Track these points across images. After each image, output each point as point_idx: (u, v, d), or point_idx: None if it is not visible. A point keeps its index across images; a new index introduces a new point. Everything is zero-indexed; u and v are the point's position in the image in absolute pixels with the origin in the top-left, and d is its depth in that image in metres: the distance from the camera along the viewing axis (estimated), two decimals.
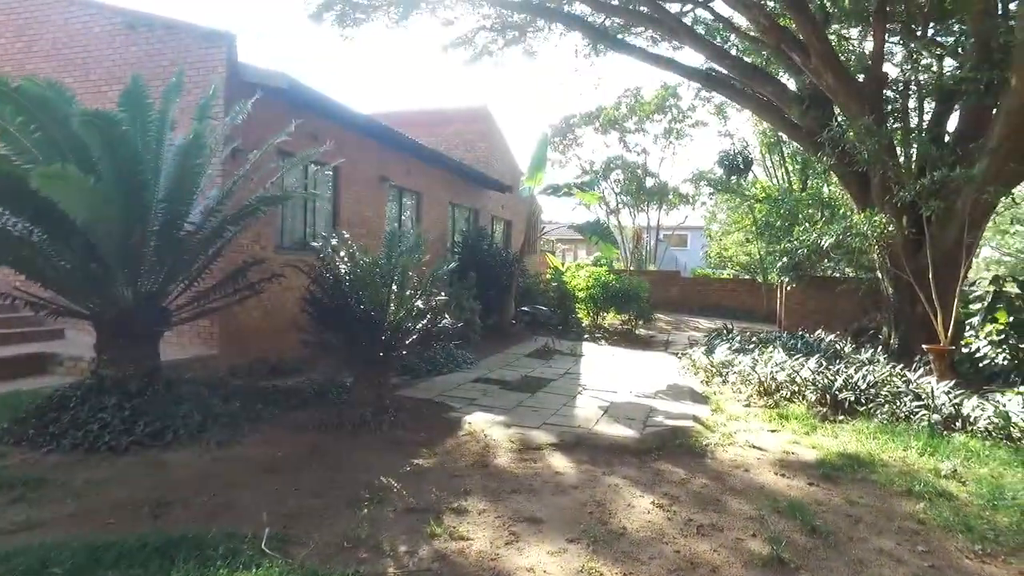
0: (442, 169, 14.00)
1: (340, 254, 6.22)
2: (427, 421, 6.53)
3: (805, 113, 11.77)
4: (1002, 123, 9.53)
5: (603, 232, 13.63)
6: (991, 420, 7.33)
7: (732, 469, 5.64)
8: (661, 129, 26.64)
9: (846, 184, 11.60)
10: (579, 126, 26.67)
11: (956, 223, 9.87)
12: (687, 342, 15.05)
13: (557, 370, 10.37)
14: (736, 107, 24.43)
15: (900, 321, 11.17)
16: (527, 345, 12.83)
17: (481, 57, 16.97)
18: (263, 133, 6.40)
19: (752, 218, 23.80)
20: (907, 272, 9.90)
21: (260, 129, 6.90)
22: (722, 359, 10.72)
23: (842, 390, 8.40)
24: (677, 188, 27.59)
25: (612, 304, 16.71)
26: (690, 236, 42.52)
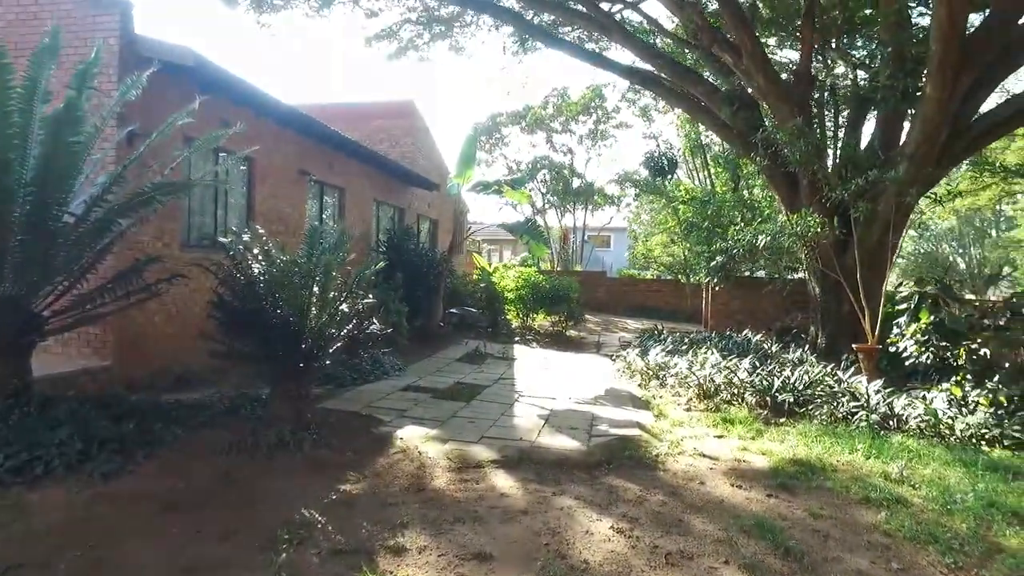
0: (367, 164, 13.22)
1: (254, 252, 5.44)
2: (354, 437, 5.85)
3: (736, 114, 11.72)
4: (918, 130, 9.71)
5: (534, 232, 13.22)
6: (922, 418, 7.35)
7: (687, 482, 5.26)
8: (587, 130, 26.61)
9: (775, 185, 11.63)
10: (506, 125, 26.29)
11: (880, 224, 9.99)
12: (618, 343, 14.84)
13: (490, 375, 9.84)
14: (660, 110, 24.74)
15: (827, 320, 11.28)
16: (457, 349, 12.23)
17: (406, 51, 16.26)
18: (166, 117, 5.55)
19: (677, 219, 24.04)
20: (837, 272, 9.94)
21: (163, 113, 6.01)
22: (658, 361, 10.47)
23: (781, 392, 8.27)
24: (602, 189, 27.63)
25: (542, 305, 16.35)
26: (613, 237, 42.94)
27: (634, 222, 36.41)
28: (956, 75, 9.18)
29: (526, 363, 11.39)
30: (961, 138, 10.06)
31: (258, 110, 9.07)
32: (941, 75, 9.11)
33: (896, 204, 9.95)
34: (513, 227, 13.22)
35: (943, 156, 9.94)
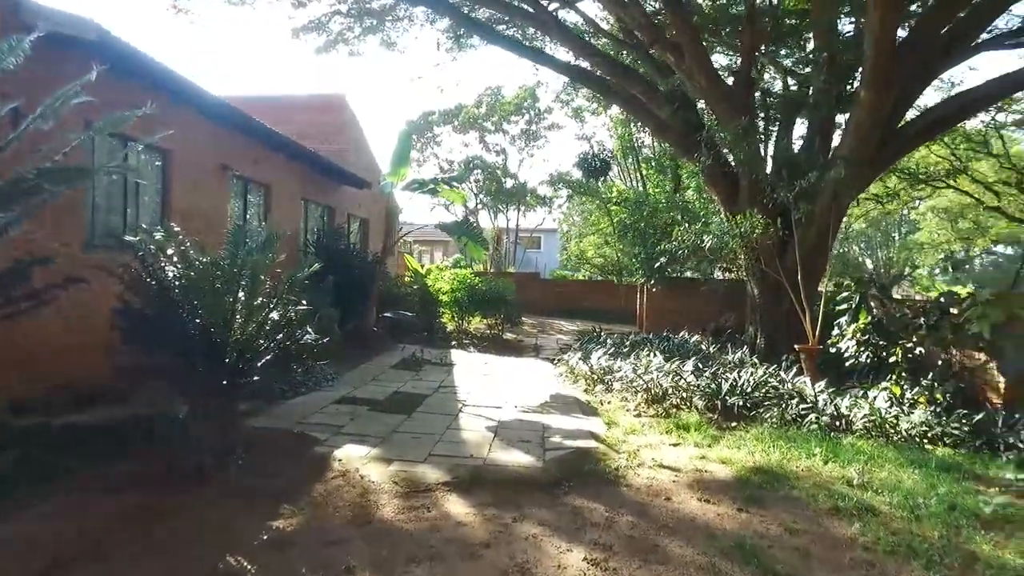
0: (295, 161, 12.35)
1: (168, 252, 4.70)
2: (287, 460, 5.20)
3: (676, 114, 11.59)
4: (853, 134, 9.79)
5: (472, 233, 12.70)
6: (868, 419, 7.30)
7: (653, 498, 4.90)
8: (519, 130, 26.31)
9: (715, 187, 11.55)
10: (438, 124, 25.64)
11: (818, 226, 10.03)
12: (557, 346, 14.54)
13: (430, 383, 9.27)
14: (593, 112, 24.69)
15: (766, 321, 11.27)
16: (392, 355, 11.58)
17: (336, 45, 15.44)
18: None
19: (610, 221, 24.05)
20: (779, 273, 9.90)
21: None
22: (602, 365, 10.17)
23: (731, 395, 8.10)
24: (535, 190, 27.39)
25: (478, 308, 15.87)
26: (544, 238, 42.92)
27: (565, 222, 36.45)
28: (888, 81, 9.28)
29: (466, 369, 10.88)
30: (892, 142, 10.22)
31: (175, 96, 8.17)
32: (875, 81, 9.19)
33: (833, 206, 10.02)
34: (450, 228, 12.66)
35: (876, 159, 10.06)
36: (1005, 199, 20.14)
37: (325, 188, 14.54)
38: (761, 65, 12.32)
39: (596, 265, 28.33)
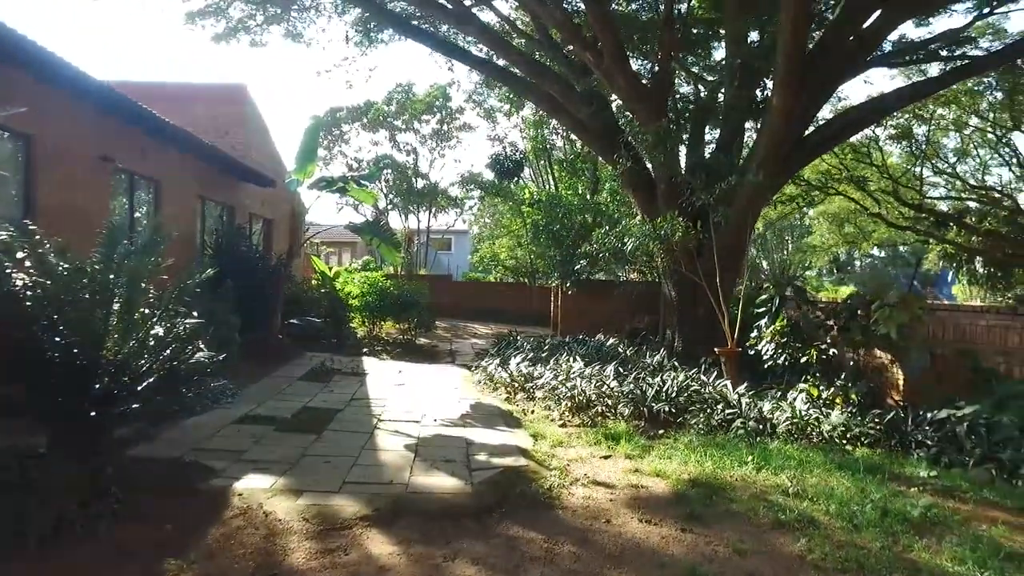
0: (190, 154, 11.20)
1: (18, 256, 3.84)
2: (176, 500, 4.42)
3: (595, 115, 11.38)
4: (765, 139, 9.89)
5: (385, 234, 11.98)
6: (791, 422, 7.28)
7: (592, 521, 4.52)
8: (431, 129, 25.60)
9: (634, 188, 11.43)
10: (347, 121, 24.48)
11: (734, 228, 10.06)
12: (473, 351, 14.05)
13: (341, 396, 8.55)
14: (505, 113, 24.38)
15: (684, 323, 11.25)
16: (299, 364, 10.71)
17: (236, 33, 14.32)
18: None
19: (522, 222, 23.83)
20: (698, 275, 9.83)
21: None
22: (522, 372, 9.78)
23: (656, 402, 7.88)
24: (446, 190, 26.77)
25: (390, 312, 15.12)
26: (454, 240, 42.33)
27: (475, 224, 36.00)
28: (799, 88, 9.41)
29: (379, 378, 10.18)
30: (802, 147, 10.43)
31: (40, 75, 7.06)
32: (786, 85, 9.29)
33: (749, 210, 10.10)
34: (361, 228, 11.89)
35: (787, 164, 10.21)
36: (884, 206, 21.42)
37: (225, 185, 13.38)
38: (674, 70, 12.34)
39: (508, 267, 28.09)
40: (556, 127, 23.68)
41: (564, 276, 16.32)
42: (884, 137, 20.08)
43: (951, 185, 22.17)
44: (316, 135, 11.29)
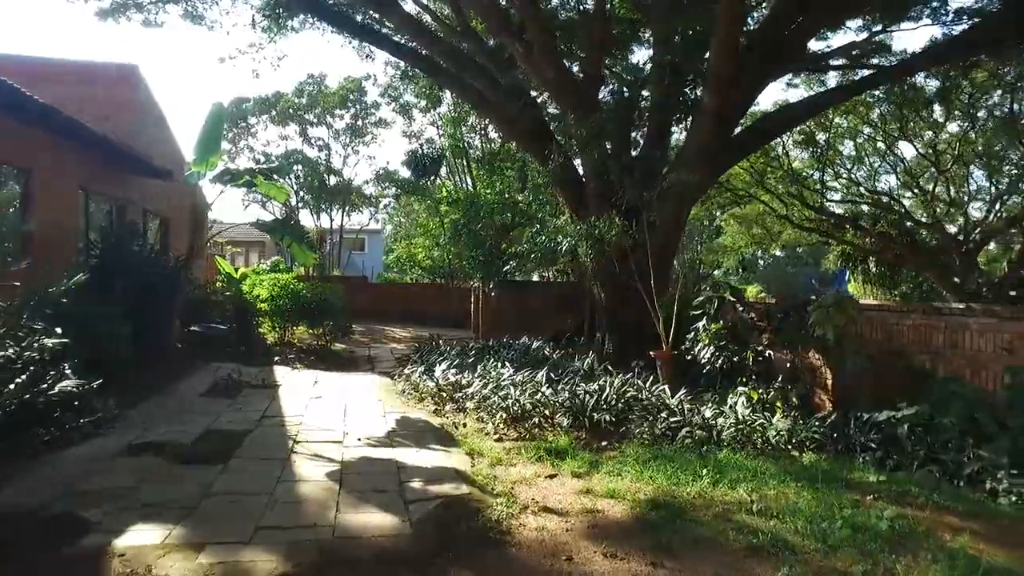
0: (71, 141, 9.72)
1: None
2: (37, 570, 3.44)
3: (523, 110, 10.81)
4: (697, 137, 9.66)
5: (297, 232, 10.93)
6: (735, 428, 6.97)
7: (551, 560, 3.93)
8: (345, 124, 24.27)
9: (563, 186, 10.95)
10: (254, 113, 22.75)
11: (667, 228, 9.78)
12: (393, 357, 13.18)
13: (251, 413, 7.55)
14: (421, 109, 23.48)
15: (615, 326, 10.88)
16: (202, 377, 9.53)
17: (127, 11, 12.86)
18: None
19: (440, 221, 23.01)
20: (634, 277, 9.45)
21: None
22: (449, 380, 9.06)
23: (596, 411, 7.38)
24: (360, 188, 25.51)
25: (304, 317, 13.99)
26: (368, 239, 40.84)
27: (390, 223, 34.82)
28: (730, 88, 9.22)
29: (293, 390, 9.20)
30: (730, 146, 10.27)
31: None
32: (718, 87, 9.08)
33: (682, 209, 9.85)
34: (272, 227, 10.78)
35: (716, 162, 10.01)
36: (791, 209, 22.13)
37: (114, 178, 11.85)
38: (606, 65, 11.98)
39: (426, 268, 27.17)
40: (475, 124, 23.07)
41: (487, 277, 15.71)
42: (790, 143, 20.70)
43: (848, 190, 23.19)
44: (219, 123, 10.12)
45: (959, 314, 7.29)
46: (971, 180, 21.52)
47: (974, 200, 21.73)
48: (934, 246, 21.67)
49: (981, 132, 18.85)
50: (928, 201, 20.68)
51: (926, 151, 20.16)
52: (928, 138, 20.17)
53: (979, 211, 21.63)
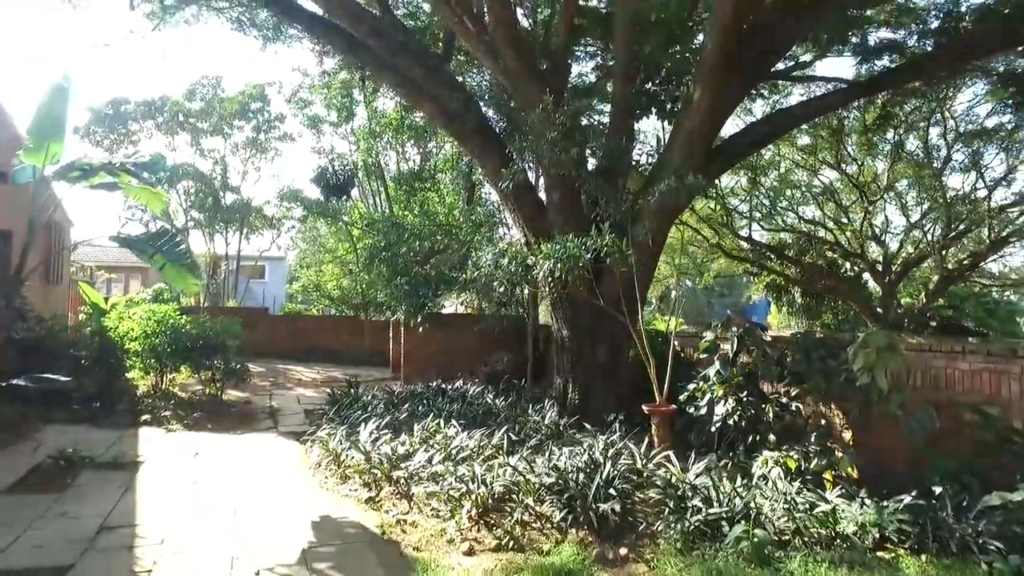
0: None
1: None
2: None
3: (469, 106, 8.65)
4: (682, 140, 7.84)
5: (175, 252, 8.09)
6: (787, 515, 4.97)
7: None
8: (245, 137, 21.11)
9: (517, 199, 8.76)
10: (136, 118, 19.10)
11: (653, 247, 7.85)
12: (301, 409, 10.42)
13: (82, 523, 4.77)
14: (331, 123, 20.78)
15: (579, 369, 8.74)
16: (18, 457, 6.50)
17: None
18: None
19: (353, 246, 20.27)
20: (618, 309, 7.37)
21: None
22: (384, 453, 6.55)
23: (602, 499, 5.15)
24: (262, 209, 22.27)
25: (187, 358, 10.89)
26: (268, 266, 36.97)
27: (295, 248, 31.40)
28: (725, 80, 7.50)
29: (160, 472, 6.38)
30: (722, 152, 8.58)
31: None
32: (713, 79, 7.32)
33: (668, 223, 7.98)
34: (136, 243, 7.85)
35: (708, 169, 8.20)
36: (724, 238, 21.14)
37: None
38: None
39: (335, 298, 24.15)
40: (390, 141, 20.66)
41: (412, 310, 13.25)
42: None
43: (776, 219, 22.57)
44: (65, 100, 7.25)
45: None
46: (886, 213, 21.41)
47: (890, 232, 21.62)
48: (857, 276, 21.35)
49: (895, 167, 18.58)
50: (856, 232, 20.23)
51: (846, 183, 19.74)
52: (852, 170, 19.79)
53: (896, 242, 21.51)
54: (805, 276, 20.47)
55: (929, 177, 18.22)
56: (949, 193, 17.93)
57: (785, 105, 14.44)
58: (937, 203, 18.22)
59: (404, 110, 17.70)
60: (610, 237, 6.58)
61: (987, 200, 17.35)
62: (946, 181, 18.15)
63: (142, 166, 7.42)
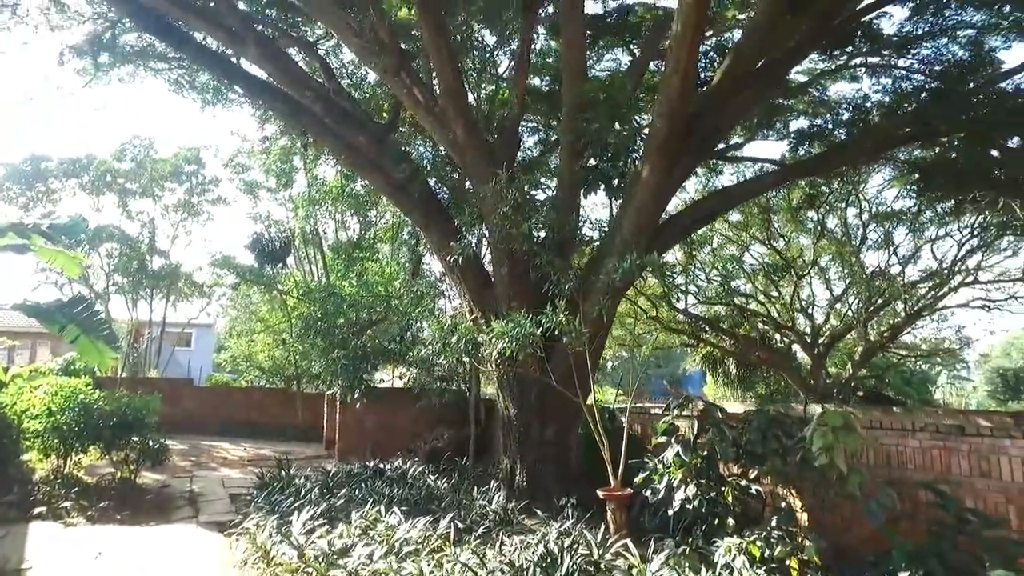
0: None
1: None
2: None
3: (415, 174, 8.45)
4: (631, 217, 7.85)
5: (89, 321, 7.30)
6: None
7: None
8: (177, 200, 20.19)
9: (463, 272, 8.50)
10: (59, 176, 17.92)
11: (605, 323, 7.70)
12: (226, 494, 9.48)
13: None
14: (269, 189, 20.26)
15: (527, 449, 8.33)
16: None
17: None
18: None
19: (287, 315, 19.41)
20: (570, 387, 7.08)
21: None
22: (321, 549, 5.89)
23: None
24: (191, 274, 21.16)
25: (98, 437, 9.81)
26: (195, 334, 35.08)
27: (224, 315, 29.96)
28: (674, 157, 7.61)
29: None
30: (672, 226, 8.64)
31: None
32: (662, 156, 7.42)
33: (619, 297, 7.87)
34: (49, 313, 7.05)
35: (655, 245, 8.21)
36: (660, 310, 21.44)
37: None
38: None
39: (266, 369, 22.92)
40: (329, 209, 20.29)
41: (351, 383, 12.60)
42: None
43: (710, 292, 23.13)
44: None
45: (989, 434, 5.74)
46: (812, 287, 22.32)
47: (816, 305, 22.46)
48: (788, 347, 21.96)
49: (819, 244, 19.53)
50: (786, 305, 20.93)
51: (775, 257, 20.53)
52: (780, 245, 20.64)
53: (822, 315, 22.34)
54: (740, 348, 20.88)
55: (849, 254, 19.28)
56: (868, 269, 18.98)
57: (716, 182, 15.19)
58: (857, 278, 19.20)
59: (345, 178, 17.47)
60: (564, 315, 6.35)
61: (900, 276, 18.45)
62: (864, 258, 19.25)
63: (59, 228, 6.75)
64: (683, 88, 6.92)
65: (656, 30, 10.10)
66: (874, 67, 10.68)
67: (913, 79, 10.34)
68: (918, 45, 9.94)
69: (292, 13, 10.77)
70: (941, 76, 9.77)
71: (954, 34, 9.66)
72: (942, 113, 8.72)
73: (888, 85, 10.83)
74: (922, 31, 9.70)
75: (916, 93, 10.27)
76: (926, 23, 9.59)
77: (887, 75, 10.78)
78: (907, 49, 9.99)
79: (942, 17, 9.46)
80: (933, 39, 9.77)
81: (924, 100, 9.91)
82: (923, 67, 10.11)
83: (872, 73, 10.90)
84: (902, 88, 10.52)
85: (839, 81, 11.70)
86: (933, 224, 17.06)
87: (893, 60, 10.44)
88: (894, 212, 17.34)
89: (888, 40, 10.09)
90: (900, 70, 10.43)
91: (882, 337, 19.67)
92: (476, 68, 11.04)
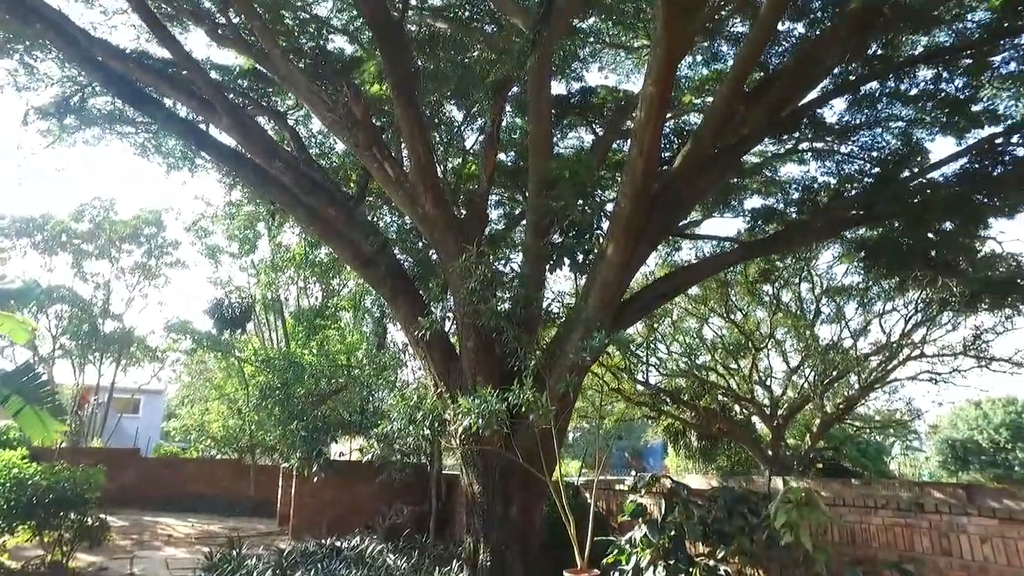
0: None
1: None
2: None
3: (383, 248, 8.47)
4: (596, 293, 7.97)
5: (36, 393, 6.95)
6: None
7: None
8: (134, 262, 19.72)
9: (429, 348, 8.41)
10: (10, 235, 17.39)
11: (569, 399, 7.65)
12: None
13: None
14: (231, 254, 19.99)
15: (491, 527, 8.05)
16: None
17: None
18: None
19: (243, 383, 18.76)
20: (536, 465, 6.95)
21: None
22: None
23: None
24: (145, 339, 20.45)
25: (30, 515, 9.12)
26: (144, 401, 33.61)
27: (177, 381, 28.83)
28: (637, 236, 7.82)
29: None
30: (635, 303, 8.77)
31: None
32: (626, 234, 7.63)
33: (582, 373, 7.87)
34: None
35: (619, 321, 8.31)
36: (621, 382, 21.49)
37: None
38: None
39: (218, 439, 21.94)
40: (292, 276, 20.12)
41: (309, 456, 12.15)
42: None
43: (672, 364, 23.34)
44: None
45: (948, 512, 5.81)
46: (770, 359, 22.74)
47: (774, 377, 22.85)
48: (747, 419, 22.12)
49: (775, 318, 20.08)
50: (745, 377, 21.21)
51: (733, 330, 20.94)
52: (738, 319, 21.12)
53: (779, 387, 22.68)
54: (701, 420, 20.95)
55: (804, 327, 19.83)
56: (822, 342, 19.50)
57: (675, 257, 15.67)
58: (812, 351, 19.69)
59: (309, 246, 17.40)
60: (531, 391, 6.31)
61: (853, 349, 19.00)
62: (818, 332, 19.82)
63: (10, 293, 6.50)
64: (647, 169, 7.20)
65: (619, 111, 10.59)
66: (819, 151, 11.37)
67: (855, 162, 11.07)
68: (857, 133, 10.70)
69: (264, 84, 10.99)
70: (880, 163, 10.49)
71: (887, 125, 10.46)
72: (882, 199, 9.27)
73: (833, 168, 11.54)
74: (860, 121, 10.46)
75: (859, 177, 10.97)
76: (862, 114, 10.36)
77: (831, 159, 11.49)
78: (848, 136, 10.73)
79: (875, 110, 10.24)
80: (869, 128, 10.55)
81: (866, 185, 10.58)
82: (863, 152, 10.89)
83: (818, 156, 11.59)
84: (845, 171, 11.25)
85: (788, 163, 12.38)
86: (880, 299, 17.73)
87: (836, 146, 11.18)
88: (844, 287, 18.02)
89: (831, 128, 10.81)
90: (842, 155, 11.15)
91: (838, 409, 20.02)
92: (444, 142, 11.32)
